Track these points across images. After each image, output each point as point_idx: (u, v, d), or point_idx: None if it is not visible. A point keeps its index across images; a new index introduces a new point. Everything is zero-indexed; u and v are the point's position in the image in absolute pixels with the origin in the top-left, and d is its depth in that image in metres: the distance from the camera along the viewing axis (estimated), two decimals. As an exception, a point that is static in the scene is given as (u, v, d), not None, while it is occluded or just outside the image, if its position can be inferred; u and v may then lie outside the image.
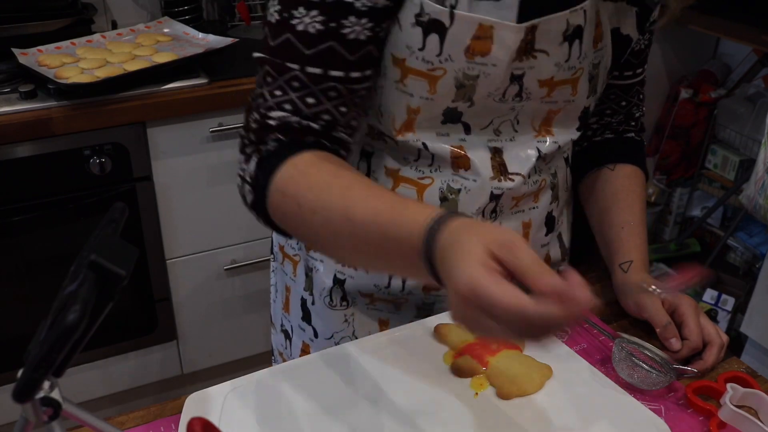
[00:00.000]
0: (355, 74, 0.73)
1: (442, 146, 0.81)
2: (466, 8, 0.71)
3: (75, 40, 1.73)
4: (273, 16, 0.72)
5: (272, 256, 1.06)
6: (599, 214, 0.97)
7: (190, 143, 1.68)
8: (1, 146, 1.49)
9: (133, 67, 1.60)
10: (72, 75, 1.55)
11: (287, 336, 1.04)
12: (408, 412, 0.73)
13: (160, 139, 1.64)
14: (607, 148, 1.00)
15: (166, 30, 1.86)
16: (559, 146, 0.87)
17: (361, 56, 0.73)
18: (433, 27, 0.72)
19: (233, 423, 0.71)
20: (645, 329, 0.87)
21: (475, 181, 0.83)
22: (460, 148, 0.82)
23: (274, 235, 1.03)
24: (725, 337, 0.83)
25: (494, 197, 0.84)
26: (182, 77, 1.64)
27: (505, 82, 0.77)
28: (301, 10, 0.70)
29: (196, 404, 0.73)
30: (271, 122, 0.73)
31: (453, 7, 0.71)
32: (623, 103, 0.97)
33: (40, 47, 1.67)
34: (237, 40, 1.76)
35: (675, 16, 0.80)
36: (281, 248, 1.01)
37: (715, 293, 2.36)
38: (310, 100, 0.72)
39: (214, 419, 0.71)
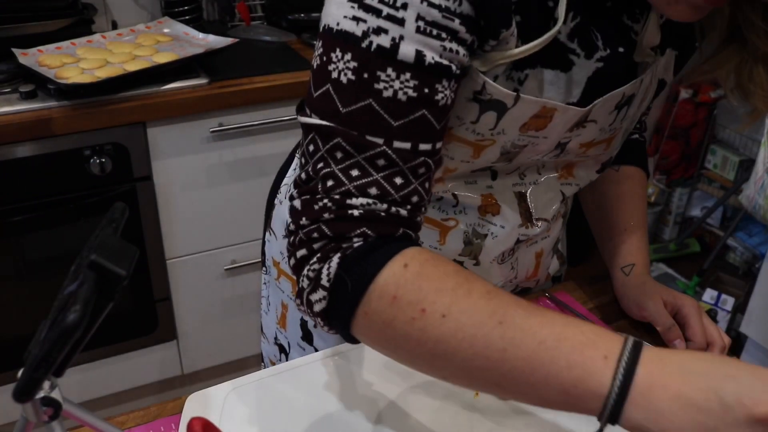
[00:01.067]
0: (438, 144, 0.62)
1: (472, 196, 0.80)
2: (533, 85, 0.67)
3: (75, 41, 1.73)
4: (344, 74, 0.59)
5: (264, 268, 1.02)
6: (601, 215, 0.97)
7: (190, 143, 1.68)
8: (1, 146, 1.49)
9: (133, 67, 1.60)
10: (72, 75, 1.55)
11: (282, 350, 1.01)
12: (408, 412, 0.73)
13: (160, 139, 1.64)
14: None
15: (166, 30, 1.86)
16: (580, 187, 0.87)
17: (445, 123, 0.63)
18: (492, 106, 0.66)
19: (233, 423, 0.71)
20: (645, 329, 0.87)
21: (503, 227, 0.82)
22: (490, 196, 0.81)
23: (267, 247, 1.00)
24: (727, 339, 0.83)
25: (518, 242, 0.84)
26: (182, 77, 1.64)
27: (550, 149, 0.75)
28: (390, 72, 0.58)
29: (196, 404, 0.73)
30: (354, 212, 0.59)
31: (519, 89, 0.66)
32: None
33: (40, 47, 1.67)
34: (237, 40, 1.76)
35: (763, 115, 0.71)
36: (276, 264, 0.97)
37: (714, 293, 2.36)
38: (399, 180, 0.60)
39: (214, 419, 0.71)
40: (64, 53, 1.67)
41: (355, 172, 0.59)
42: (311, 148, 0.61)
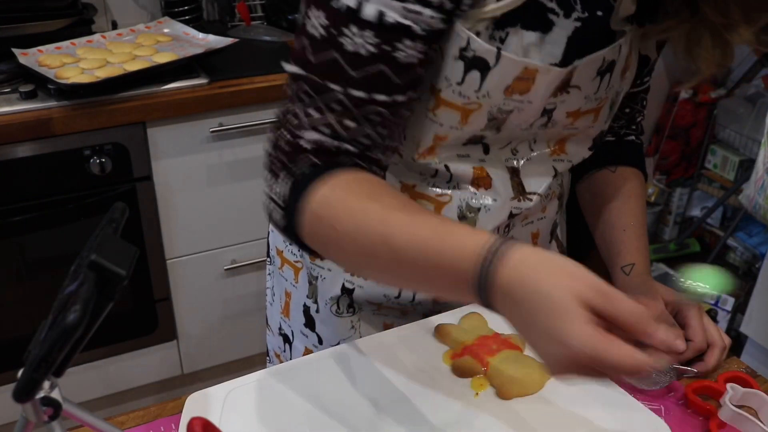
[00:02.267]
0: (400, 98, 0.69)
1: (464, 167, 0.81)
2: (515, 45, 0.70)
3: (75, 41, 1.73)
4: (317, 29, 0.66)
5: (269, 259, 1.04)
6: (600, 216, 0.97)
7: (190, 143, 1.68)
8: (1, 146, 1.49)
9: (133, 67, 1.60)
10: (72, 75, 1.55)
11: (287, 340, 1.03)
12: (408, 412, 0.73)
13: (160, 139, 1.64)
14: (607, 150, 1.00)
15: (166, 30, 1.86)
16: (573, 164, 0.88)
17: (409, 80, 0.69)
18: (475, 64, 0.70)
19: (233, 423, 0.71)
20: (645, 329, 0.87)
21: (495, 200, 0.83)
22: (481, 169, 0.82)
23: (271, 237, 1.02)
24: (728, 340, 0.82)
25: (511, 216, 0.85)
26: (182, 77, 1.64)
27: (536, 116, 0.77)
28: (353, 29, 0.65)
29: (196, 404, 0.73)
30: (304, 144, 0.68)
31: (501, 47, 0.69)
32: (627, 110, 0.98)
33: (40, 47, 1.67)
34: (237, 40, 1.76)
35: (705, 78, 0.77)
36: (279, 252, 0.99)
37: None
38: (350, 124, 0.68)
39: (214, 419, 0.71)
40: (64, 53, 1.67)
41: (312, 112, 0.68)
42: (288, 91, 0.71)
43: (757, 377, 0.81)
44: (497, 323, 0.85)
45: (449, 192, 0.83)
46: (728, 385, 0.75)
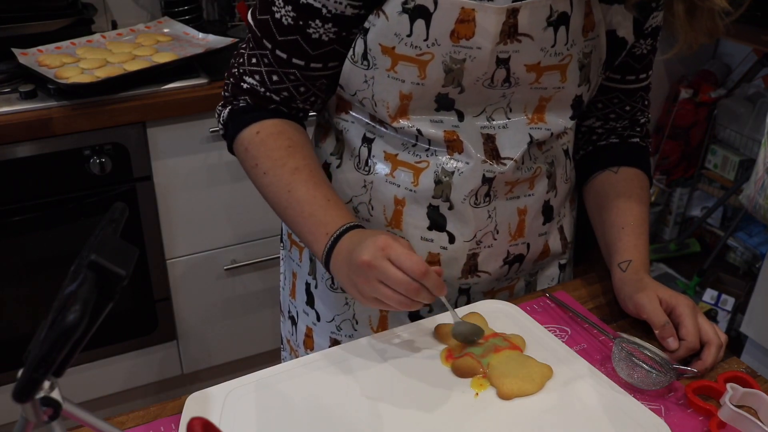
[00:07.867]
0: (315, 65, 0.84)
1: (435, 131, 0.84)
2: None
3: (75, 40, 1.73)
4: None
5: (282, 244, 1.09)
6: (601, 215, 0.97)
7: (190, 143, 1.68)
8: (1, 146, 1.49)
9: (133, 67, 1.60)
10: (72, 75, 1.55)
11: (293, 322, 1.07)
12: (408, 412, 0.73)
13: (160, 139, 1.64)
14: (611, 151, 1.00)
15: (166, 30, 1.86)
16: (553, 134, 0.88)
17: (322, 53, 0.83)
18: (418, 13, 0.76)
19: (233, 423, 0.71)
20: (645, 329, 0.87)
21: (467, 163, 0.85)
22: (452, 133, 0.85)
23: (284, 223, 1.05)
24: (724, 337, 0.82)
25: (486, 180, 0.86)
26: (182, 77, 1.64)
27: (491, 66, 0.79)
28: (280, 2, 0.80)
29: (196, 404, 0.73)
30: (243, 85, 0.88)
31: None
32: (627, 108, 0.98)
33: (40, 47, 1.67)
34: (237, 40, 1.76)
35: (684, 51, 0.82)
36: (289, 235, 1.05)
37: (715, 293, 2.36)
38: (275, 78, 0.86)
39: (214, 419, 0.71)
40: (64, 53, 1.67)
41: (253, 60, 0.86)
42: (246, 37, 0.88)
43: (757, 377, 0.81)
44: (497, 323, 0.85)
45: (427, 159, 0.87)
46: (728, 385, 0.75)
